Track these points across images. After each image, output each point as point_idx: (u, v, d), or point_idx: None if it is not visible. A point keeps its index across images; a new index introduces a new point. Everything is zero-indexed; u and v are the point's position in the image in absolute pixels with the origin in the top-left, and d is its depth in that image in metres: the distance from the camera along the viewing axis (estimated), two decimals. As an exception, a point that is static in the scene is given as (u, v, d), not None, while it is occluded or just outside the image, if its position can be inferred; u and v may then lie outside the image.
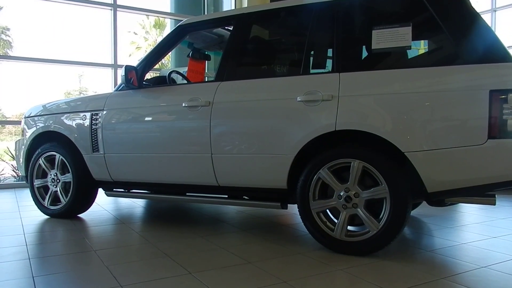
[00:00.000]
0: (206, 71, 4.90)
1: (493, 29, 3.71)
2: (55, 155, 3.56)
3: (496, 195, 2.37)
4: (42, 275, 2.16)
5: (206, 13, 7.67)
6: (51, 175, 3.61)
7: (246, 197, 2.95)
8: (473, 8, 2.31)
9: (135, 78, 3.12)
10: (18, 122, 5.65)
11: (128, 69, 3.10)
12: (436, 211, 3.78)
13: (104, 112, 3.28)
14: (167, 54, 3.50)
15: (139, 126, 3.19)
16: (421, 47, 2.79)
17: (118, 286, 1.99)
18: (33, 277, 2.13)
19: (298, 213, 2.62)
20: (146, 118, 3.13)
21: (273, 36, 3.38)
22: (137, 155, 3.14)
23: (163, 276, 2.14)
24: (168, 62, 15.17)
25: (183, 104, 2.92)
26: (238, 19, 2.95)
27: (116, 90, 3.37)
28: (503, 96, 2.08)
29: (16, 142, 4.04)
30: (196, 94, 2.92)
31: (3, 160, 6.80)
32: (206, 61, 4.12)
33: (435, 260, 2.44)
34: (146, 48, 22.72)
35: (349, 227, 2.51)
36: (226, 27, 3.58)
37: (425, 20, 2.44)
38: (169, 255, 2.49)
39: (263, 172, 2.68)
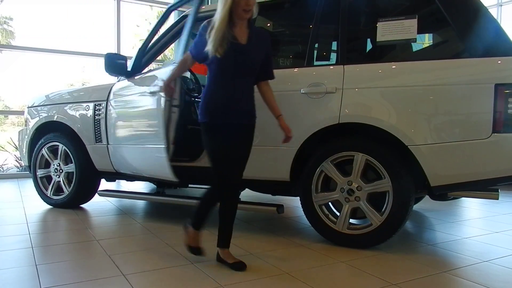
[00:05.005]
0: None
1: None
2: (58, 145, 3.57)
3: (499, 190, 2.37)
4: (45, 264, 2.17)
5: (209, 4, 7.62)
6: (54, 165, 3.62)
7: (248, 189, 2.95)
8: (480, 1, 2.28)
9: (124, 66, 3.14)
10: (21, 113, 5.65)
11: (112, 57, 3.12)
12: (438, 206, 3.77)
13: (107, 102, 3.28)
14: (171, 44, 3.48)
15: (141, 116, 3.16)
16: (426, 40, 2.76)
17: (120, 275, 2.00)
18: (36, 265, 2.14)
19: (300, 205, 2.62)
20: (147, 107, 3.07)
21: (276, 27, 3.35)
22: (139, 147, 3.11)
23: (165, 265, 2.15)
24: (171, 54, 15.12)
25: None
26: None
27: (119, 81, 3.36)
28: (508, 90, 2.07)
29: (19, 132, 4.05)
30: None
31: (6, 151, 6.81)
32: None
33: (437, 254, 2.44)
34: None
35: (351, 220, 2.51)
36: None
37: (431, 13, 2.41)
38: (171, 245, 2.50)
39: (266, 164, 2.67)
